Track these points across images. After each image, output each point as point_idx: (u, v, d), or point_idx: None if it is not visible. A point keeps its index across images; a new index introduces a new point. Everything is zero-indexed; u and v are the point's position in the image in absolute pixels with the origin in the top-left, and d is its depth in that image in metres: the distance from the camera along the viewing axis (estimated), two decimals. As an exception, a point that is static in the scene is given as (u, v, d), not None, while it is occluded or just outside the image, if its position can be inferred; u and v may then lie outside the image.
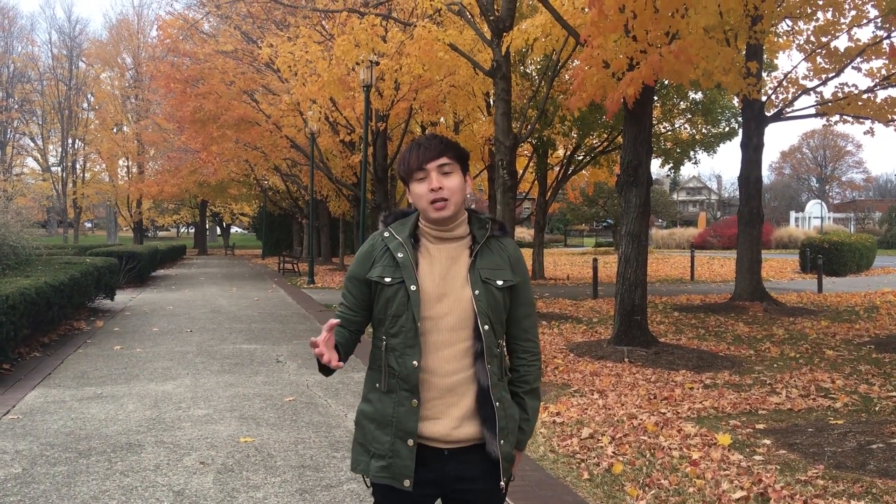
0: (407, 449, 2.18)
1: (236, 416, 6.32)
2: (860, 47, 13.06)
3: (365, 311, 2.33)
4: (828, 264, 23.36)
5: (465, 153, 2.32)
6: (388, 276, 2.22)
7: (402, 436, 2.19)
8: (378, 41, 13.78)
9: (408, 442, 2.18)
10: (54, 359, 9.03)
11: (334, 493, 4.45)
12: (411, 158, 2.24)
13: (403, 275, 2.20)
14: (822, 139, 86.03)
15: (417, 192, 2.24)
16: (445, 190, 2.20)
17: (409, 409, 2.18)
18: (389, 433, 2.20)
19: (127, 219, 48.47)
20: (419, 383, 2.19)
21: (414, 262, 2.22)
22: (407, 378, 2.18)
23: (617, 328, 9.51)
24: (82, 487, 4.54)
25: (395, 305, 2.20)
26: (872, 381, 7.64)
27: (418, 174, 2.23)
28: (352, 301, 2.32)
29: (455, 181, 2.23)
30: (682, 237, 52.91)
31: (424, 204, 2.23)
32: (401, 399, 2.19)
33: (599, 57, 8.33)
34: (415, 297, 2.18)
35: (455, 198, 2.22)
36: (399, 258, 2.22)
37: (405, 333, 2.19)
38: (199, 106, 21.39)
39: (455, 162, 2.25)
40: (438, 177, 2.21)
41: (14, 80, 51.40)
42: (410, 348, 2.19)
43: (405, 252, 2.22)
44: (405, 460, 2.18)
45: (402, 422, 2.19)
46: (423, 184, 2.22)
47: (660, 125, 21.39)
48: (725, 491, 4.38)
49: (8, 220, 12.21)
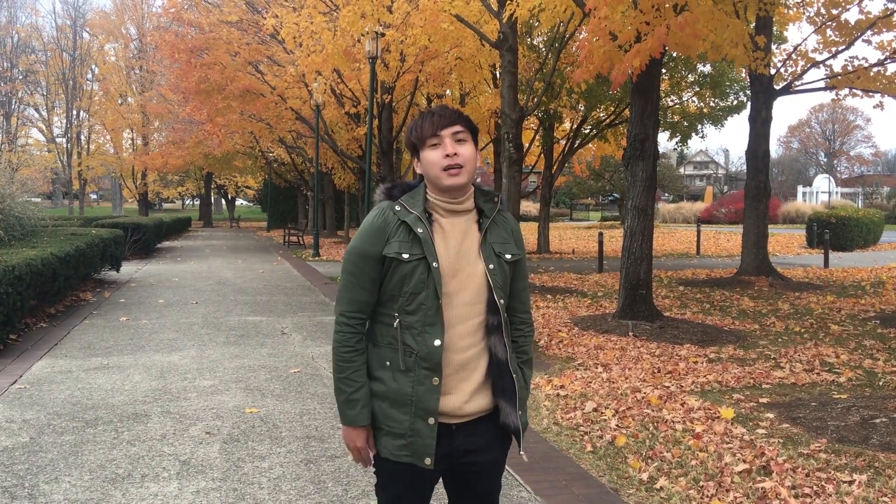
0: (427, 427, 2.16)
1: (242, 387, 6.36)
2: (871, 20, 12.90)
3: (376, 288, 2.22)
4: (834, 239, 23.29)
5: (476, 127, 2.29)
6: (406, 252, 2.15)
7: (422, 414, 2.16)
8: (384, 12, 13.66)
9: (428, 420, 2.16)
10: (61, 329, 9.08)
11: (339, 464, 4.48)
12: (424, 125, 2.20)
13: (424, 251, 2.14)
14: (831, 113, 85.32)
15: (430, 158, 2.18)
16: (461, 157, 2.17)
17: (429, 388, 2.16)
18: (408, 412, 2.17)
19: (132, 191, 48.48)
20: (440, 360, 2.16)
21: (431, 238, 2.17)
22: (428, 357, 2.15)
23: (622, 302, 9.51)
24: (89, 456, 4.58)
25: (414, 282, 2.15)
26: (877, 356, 7.64)
27: (431, 140, 2.18)
28: (365, 280, 2.20)
29: (469, 149, 2.20)
30: (688, 211, 52.75)
31: (437, 171, 2.17)
32: (420, 378, 2.16)
33: (606, 28, 8.23)
34: (436, 273, 2.14)
35: (469, 166, 2.18)
36: (419, 233, 2.15)
37: (425, 311, 2.15)
38: (205, 76, 21.25)
39: (468, 131, 2.22)
40: (453, 143, 2.17)
41: (18, 50, 51.19)
42: (431, 326, 2.15)
43: (424, 227, 2.16)
44: (426, 439, 2.16)
45: (423, 400, 2.15)
46: (437, 150, 2.18)
47: (667, 98, 21.23)
48: (728, 464, 4.40)
49: (13, 191, 12.21)
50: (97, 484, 4.15)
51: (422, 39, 13.29)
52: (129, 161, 45.07)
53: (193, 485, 4.15)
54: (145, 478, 4.24)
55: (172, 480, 4.21)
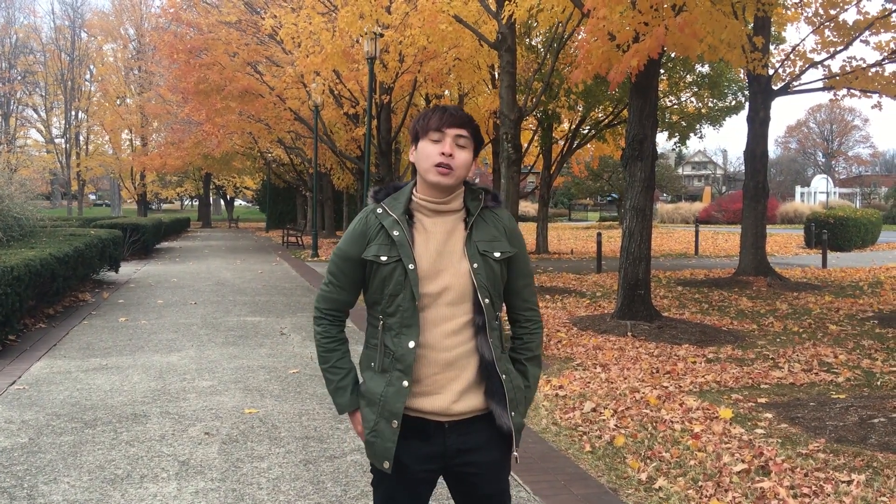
0: (391, 430, 2.17)
1: (241, 387, 6.36)
2: (869, 20, 12.92)
3: (356, 291, 2.30)
4: (833, 239, 23.31)
5: (482, 138, 2.30)
6: (384, 255, 2.17)
7: (387, 416, 2.17)
8: (382, 12, 13.66)
9: (392, 423, 2.16)
10: (59, 330, 9.08)
11: (338, 464, 4.49)
12: (433, 117, 2.21)
13: (400, 253, 2.16)
14: (829, 113, 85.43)
15: (426, 150, 2.20)
16: (455, 160, 2.18)
17: (398, 390, 2.17)
18: (375, 412, 2.19)
19: (131, 191, 48.47)
20: (416, 361, 2.17)
21: (410, 240, 2.18)
22: (402, 358, 2.16)
23: (620, 302, 9.52)
24: (88, 457, 4.58)
25: (392, 284, 2.17)
26: (875, 355, 7.65)
27: (434, 134, 2.19)
28: (343, 280, 2.28)
29: (466, 156, 2.21)
30: (686, 211, 52.78)
31: (428, 164, 2.18)
32: (392, 379, 2.18)
33: (605, 29, 8.25)
34: (413, 275, 2.15)
35: (459, 172, 2.20)
36: (395, 236, 2.17)
37: (402, 312, 2.17)
38: (203, 77, 21.26)
39: (471, 139, 2.23)
40: (453, 144, 2.18)
41: (17, 51, 51.17)
42: (407, 328, 2.16)
43: (401, 230, 2.18)
44: (387, 441, 2.17)
45: (390, 402, 2.17)
46: (436, 145, 2.18)
47: (666, 98, 21.24)
48: (727, 464, 4.41)
49: (12, 191, 12.21)
50: (96, 484, 4.15)
51: (420, 40, 13.30)
52: (127, 162, 45.07)
53: (192, 485, 4.15)
54: (144, 478, 4.24)
55: (171, 481, 4.21)
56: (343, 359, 2.30)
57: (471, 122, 2.23)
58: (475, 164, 2.29)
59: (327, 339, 2.29)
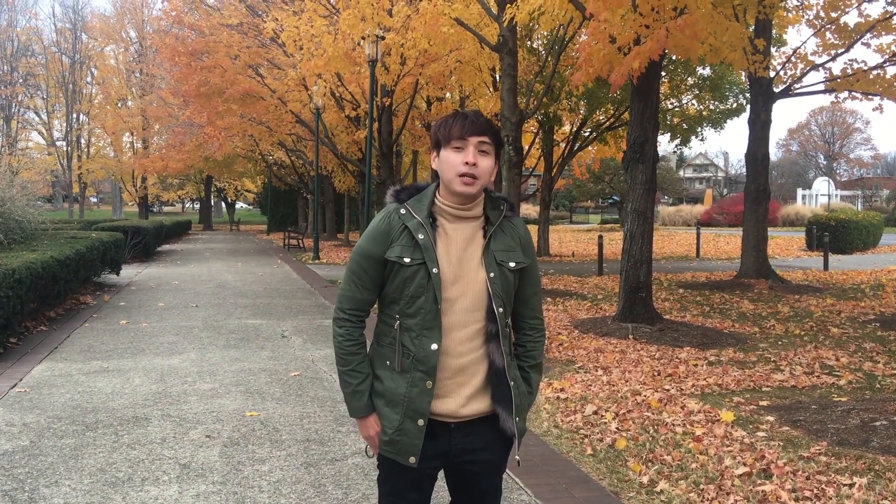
0: (417, 428, 2.21)
1: (242, 390, 6.35)
2: (870, 23, 12.93)
3: (378, 289, 2.30)
4: (834, 242, 23.29)
5: (502, 141, 2.31)
6: (408, 257, 2.19)
7: (412, 416, 2.21)
8: (384, 15, 13.67)
9: (418, 422, 2.21)
10: (61, 333, 9.08)
11: (339, 467, 4.48)
12: (455, 125, 2.21)
13: (424, 256, 2.18)
14: (831, 116, 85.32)
15: (450, 160, 2.20)
16: (479, 168, 2.19)
17: (422, 391, 2.20)
18: (399, 412, 2.22)
19: (132, 194, 48.44)
20: (436, 364, 2.20)
21: (433, 243, 2.20)
22: (424, 360, 2.19)
23: (622, 305, 9.51)
24: (89, 460, 4.58)
25: (414, 287, 2.19)
26: (877, 358, 7.64)
27: (457, 143, 2.20)
28: (366, 280, 2.27)
29: (489, 163, 2.22)
30: (688, 214, 52.74)
31: (452, 175, 2.19)
32: (415, 380, 2.21)
33: (606, 31, 8.25)
34: (436, 279, 2.17)
35: (484, 179, 2.21)
36: (420, 239, 2.19)
37: (424, 315, 2.19)
38: (205, 79, 21.27)
39: (493, 144, 2.24)
40: (476, 153, 2.19)
41: (18, 54, 51.19)
42: (429, 330, 2.19)
43: (425, 233, 2.20)
44: (413, 439, 2.21)
45: (415, 402, 2.21)
46: (459, 154, 2.19)
47: (667, 101, 21.25)
48: (728, 467, 4.40)
49: (13, 194, 12.21)
50: (97, 487, 4.14)
51: (422, 43, 13.29)
52: (129, 164, 45.02)
53: (193, 488, 4.15)
54: (145, 481, 4.24)
55: (172, 484, 4.21)
56: (363, 363, 2.30)
57: (492, 127, 2.24)
58: (495, 170, 2.30)
59: (350, 342, 2.29)
